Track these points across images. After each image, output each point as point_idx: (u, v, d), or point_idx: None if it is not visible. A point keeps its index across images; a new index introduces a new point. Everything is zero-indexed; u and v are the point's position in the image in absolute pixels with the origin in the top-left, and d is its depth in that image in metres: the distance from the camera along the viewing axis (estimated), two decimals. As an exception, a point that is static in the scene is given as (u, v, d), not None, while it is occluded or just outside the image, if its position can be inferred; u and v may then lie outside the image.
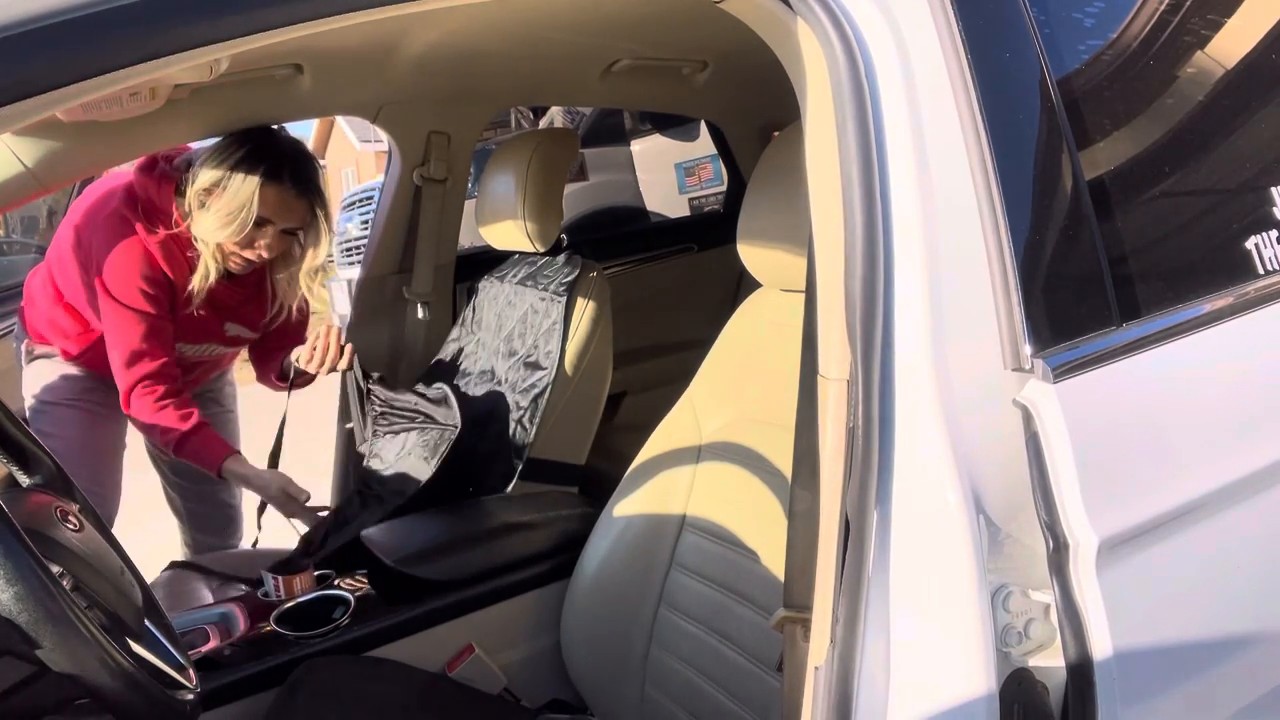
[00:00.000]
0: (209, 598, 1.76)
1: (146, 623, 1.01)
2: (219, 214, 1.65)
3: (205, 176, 1.66)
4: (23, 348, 1.96)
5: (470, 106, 2.14)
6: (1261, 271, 1.00)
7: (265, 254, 1.74)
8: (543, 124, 5.26)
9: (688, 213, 4.47)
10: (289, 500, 1.81)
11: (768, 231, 1.23)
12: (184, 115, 1.64)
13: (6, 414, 1.03)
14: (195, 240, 1.71)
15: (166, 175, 1.72)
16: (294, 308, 1.93)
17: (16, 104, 0.63)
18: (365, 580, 1.56)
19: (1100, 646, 0.81)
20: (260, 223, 1.69)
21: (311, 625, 1.42)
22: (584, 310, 1.80)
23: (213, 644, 1.41)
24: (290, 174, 1.70)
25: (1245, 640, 0.94)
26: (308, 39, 0.74)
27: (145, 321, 1.72)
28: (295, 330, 2.02)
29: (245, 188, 1.65)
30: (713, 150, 3.14)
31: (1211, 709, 0.93)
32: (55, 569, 0.86)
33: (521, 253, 2.01)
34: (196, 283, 1.73)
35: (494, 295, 2.06)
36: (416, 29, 1.67)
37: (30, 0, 0.63)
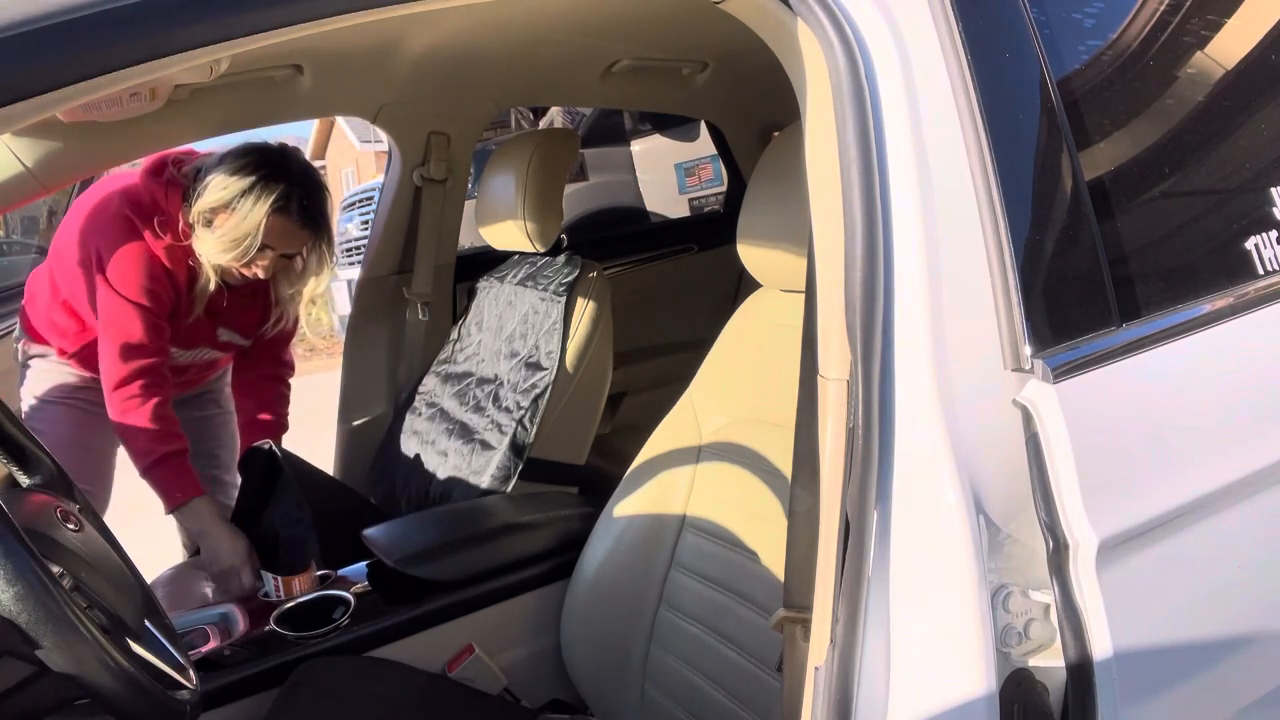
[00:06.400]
0: (209, 598, 1.76)
1: (146, 623, 1.01)
2: (223, 238, 1.65)
3: (213, 196, 1.65)
4: (20, 348, 1.96)
5: (470, 107, 2.14)
6: (1261, 272, 1.00)
7: (261, 274, 1.75)
8: (543, 124, 5.26)
9: (688, 213, 4.48)
10: (229, 578, 1.71)
11: (768, 231, 1.23)
12: (184, 115, 1.64)
13: (7, 414, 1.03)
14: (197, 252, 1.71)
15: (174, 181, 1.71)
16: (293, 320, 1.94)
17: (16, 104, 0.63)
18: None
19: (1100, 646, 0.81)
20: (261, 247, 1.68)
21: (311, 625, 1.42)
22: (584, 310, 1.80)
23: (213, 644, 1.41)
24: (298, 207, 1.69)
25: (1245, 640, 0.94)
26: (308, 39, 0.74)
27: (144, 316, 1.70)
28: (283, 341, 2.04)
29: (252, 216, 1.64)
30: (713, 150, 3.14)
31: (1211, 709, 0.93)
32: (55, 569, 0.86)
33: (521, 253, 2.01)
34: (199, 292, 1.73)
35: (494, 295, 2.06)
36: (416, 30, 1.67)
37: (30, 0, 0.63)
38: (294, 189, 1.68)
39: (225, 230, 1.65)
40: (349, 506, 1.87)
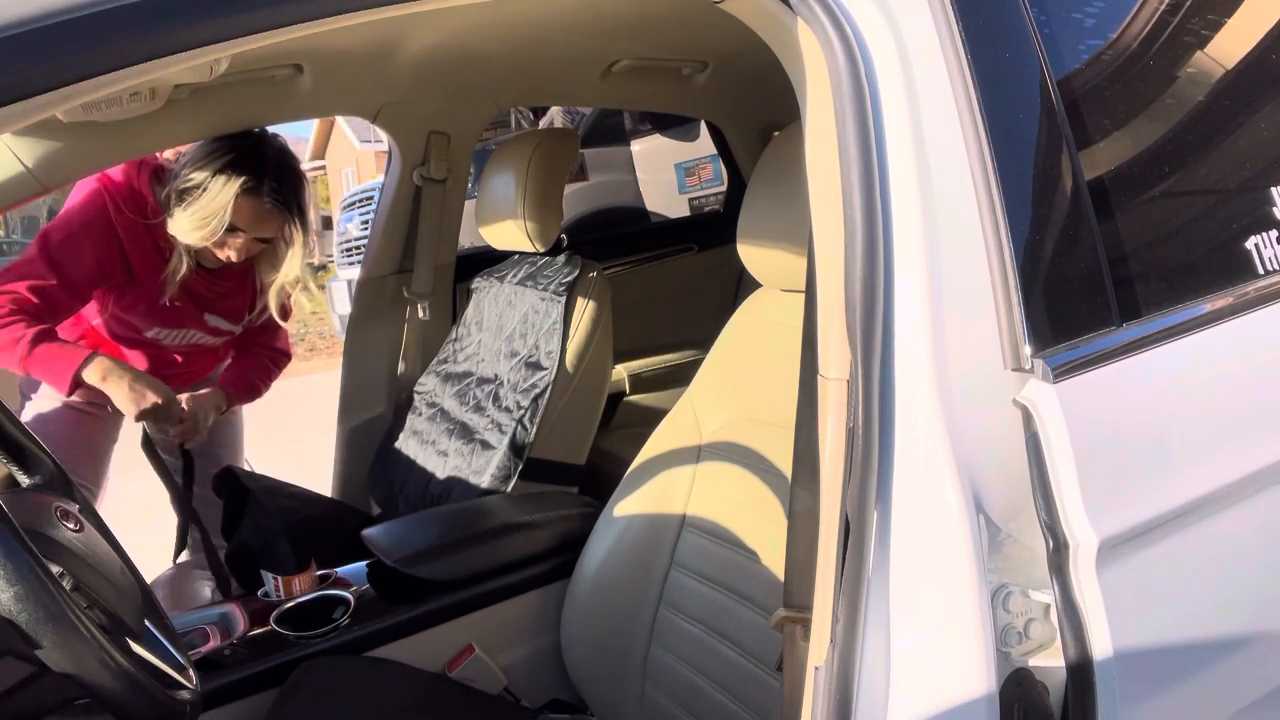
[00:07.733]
0: (209, 598, 1.76)
1: (146, 623, 1.01)
2: (193, 217, 1.66)
3: (187, 176, 1.67)
4: None
5: (470, 107, 2.15)
6: (1261, 271, 1.00)
7: (234, 256, 1.75)
8: (543, 124, 5.26)
9: (688, 213, 4.48)
10: (160, 414, 1.69)
11: (768, 231, 1.23)
12: (184, 115, 1.64)
13: (6, 414, 1.03)
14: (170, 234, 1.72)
15: (147, 161, 1.73)
16: (278, 308, 1.94)
17: (16, 104, 0.63)
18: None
19: (1100, 646, 0.81)
20: (232, 229, 1.69)
21: (311, 625, 1.42)
22: (584, 310, 1.80)
23: (213, 644, 1.41)
24: (269, 188, 1.69)
25: (1245, 640, 0.94)
26: (308, 39, 0.74)
27: (56, 281, 1.66)
28: (274, 328, 2.03)
29: (222, 196, 1.65)
30: (713, 150, 3.14)
31: (1211, 709, 0.93)
32: (55, 569, 0.86)
33: (521, 253, 2.01)
34: (170, 274, 1.73)
35: (494, 295, 2.06)
36: (417, 30, 1.67)
37: (30, 0, 0.63)
38: (266, 172, 1.69)
39: (195, 209, 1.66)
40: (321, 513, 1.88)
